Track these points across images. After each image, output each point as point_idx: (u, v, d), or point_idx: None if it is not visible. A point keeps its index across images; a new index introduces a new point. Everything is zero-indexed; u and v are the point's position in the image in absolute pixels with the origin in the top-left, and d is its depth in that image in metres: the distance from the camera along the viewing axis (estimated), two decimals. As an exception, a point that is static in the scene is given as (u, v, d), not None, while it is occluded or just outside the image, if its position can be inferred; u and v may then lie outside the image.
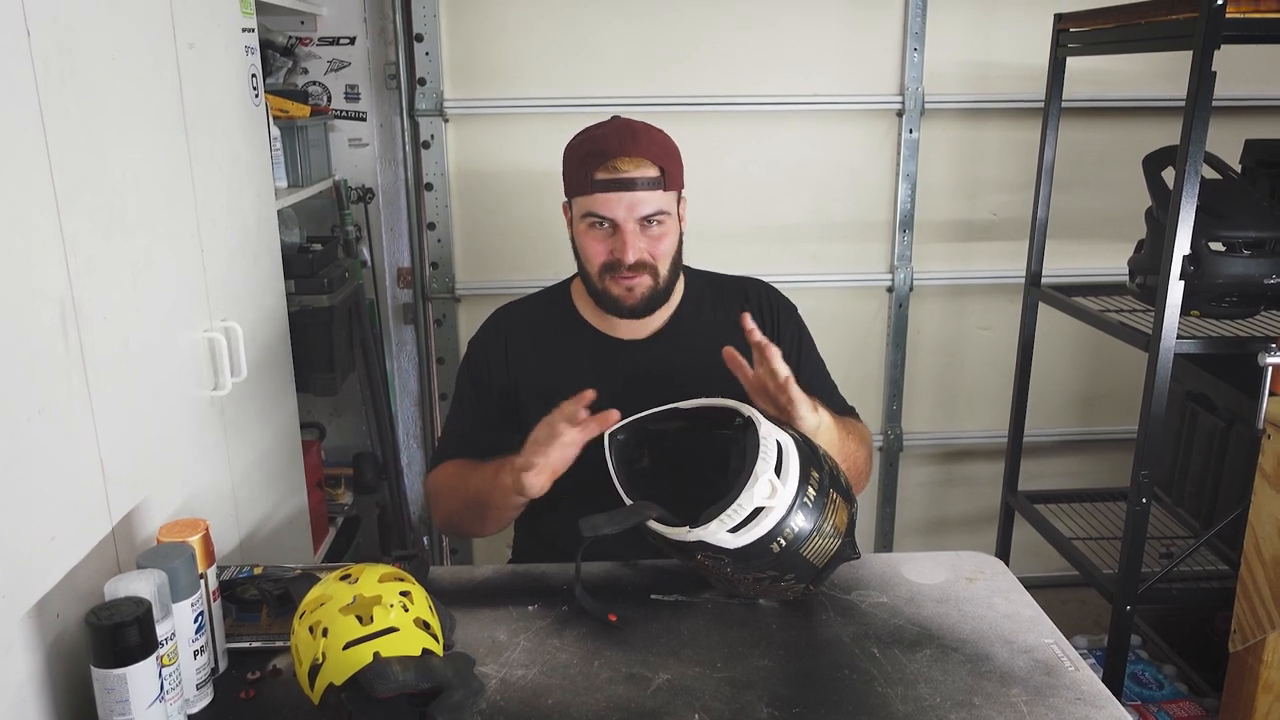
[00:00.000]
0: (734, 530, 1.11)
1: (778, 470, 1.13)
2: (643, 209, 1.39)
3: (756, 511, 1.11)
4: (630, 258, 1.39)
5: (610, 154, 1.38)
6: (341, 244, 2.42)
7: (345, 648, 0.96)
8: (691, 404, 1.27)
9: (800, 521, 1.13)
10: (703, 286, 1.57)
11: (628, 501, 1.20)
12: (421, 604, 1.04)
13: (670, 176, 1.41)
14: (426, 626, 1.02)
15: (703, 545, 1.13)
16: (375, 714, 0.96)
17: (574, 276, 1.56)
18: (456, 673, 0.99)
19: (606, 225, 1.40)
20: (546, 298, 1.59)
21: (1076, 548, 2.19)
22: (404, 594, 1.03)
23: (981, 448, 2.84)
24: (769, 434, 1.15)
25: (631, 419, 1.26)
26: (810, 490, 1.14)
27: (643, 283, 1.42)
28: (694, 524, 1.12)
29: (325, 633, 0.98)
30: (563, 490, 1.25)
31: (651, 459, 1.31)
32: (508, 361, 1.52)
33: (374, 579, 1.03)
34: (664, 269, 1.43)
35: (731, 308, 1.53)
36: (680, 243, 1.48)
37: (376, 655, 0.96)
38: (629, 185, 1.38)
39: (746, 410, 1.20)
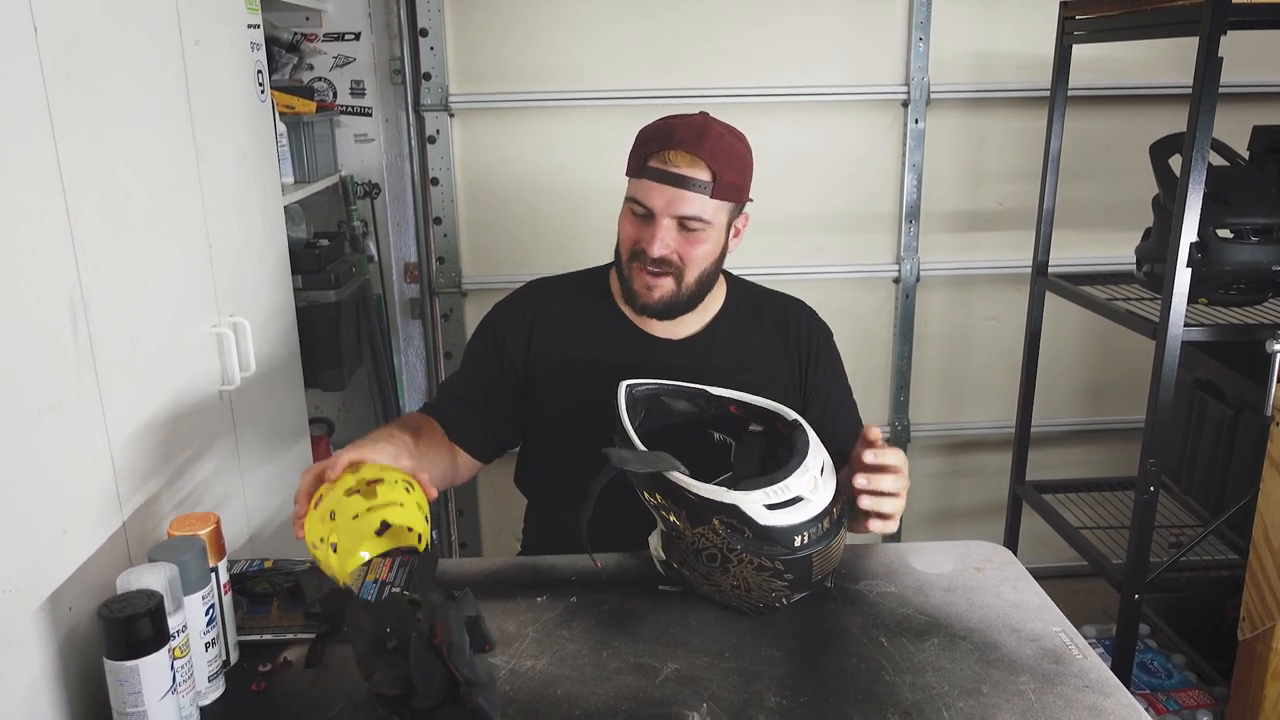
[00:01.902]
0: (770, 508, 1.12)
1: (821, 472, 1.16)
2: (681, 208, 1.35)
3: (796, 500, 1.13)
4: (655, 251, 1.36)
5: (670, 145, 1.35)
6: (348, 239, 2.43)
7: (354, 518, 1.03)
8: (721, 392, 1.28)
9: (824, 528, 1.15)
10: (743, 299, 1.54)
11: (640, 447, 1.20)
12: (422, 499, 1.10)
13: (723, 185, 1.36)
14: (428, 520, 1.08)
15: (733, 511, 1.12)
16: (415, 663, 0.97)
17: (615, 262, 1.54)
18: (490, 683, 1.01)
19: (644, 213, 1.38)
20: (584, 279, 1.56)
21: (1085, 537, 2.19)
22: (408, 483, 1.10)
23: (989, 438, 2.84)
24: (817, 442, 1.19)
25: (657, 382, 1.28)
26: (838, 506, 1.17)
27: (664, 285, 1.39)
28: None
29: (333, 516, 1.04)
30: (573, 485, 1.25)
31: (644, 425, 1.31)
32: (531, 336, 1.50)
33: (377, 469, 1.09)
34: (691, 275, 1.40)
35: (768, 328, 1.51)
36: (723, 255, 1.44)
37: (457, 615, 1.00)
38: (675, 181, 1.34)
39: (791, 415, 1.23)
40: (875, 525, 1.22)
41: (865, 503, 1.18)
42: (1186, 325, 1.79)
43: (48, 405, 1.00)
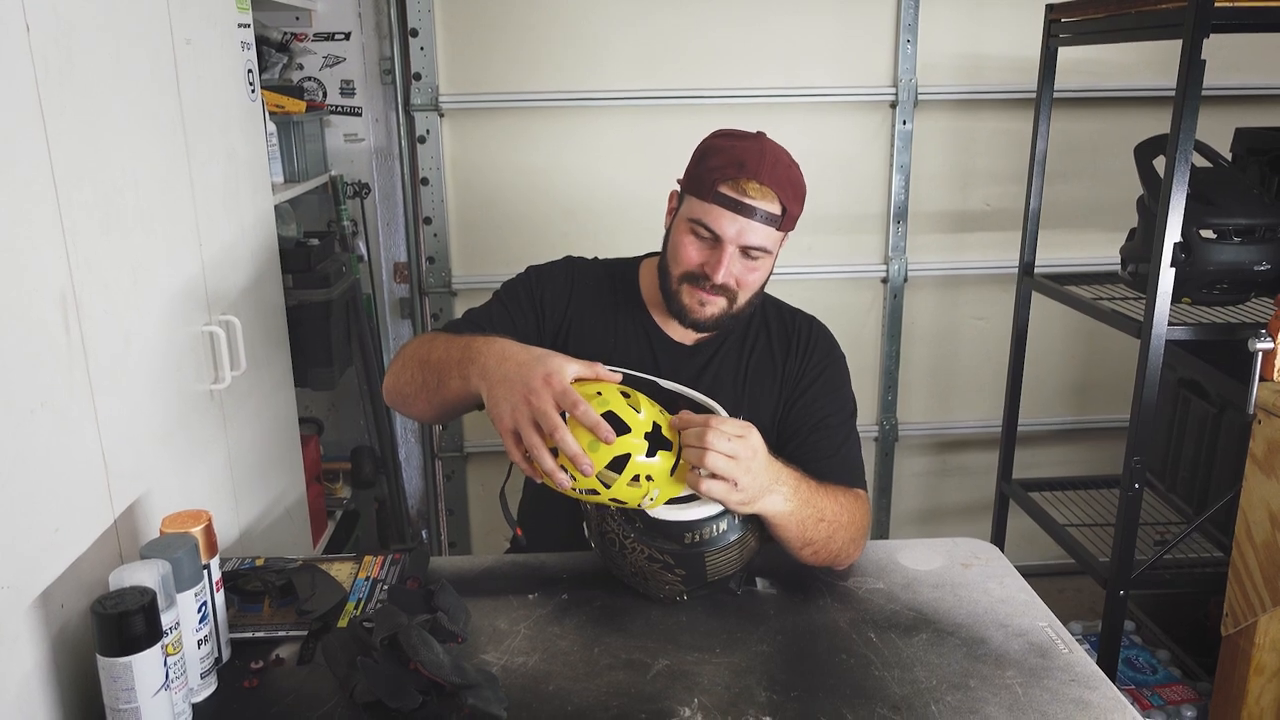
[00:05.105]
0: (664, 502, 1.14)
1: None
2: (750, 238, 1.34)
3: (692, 497, 1.15)
4: (719, 278, 1.35)
5: (744, 173, 1.33)
6: (338, 239, 2.42)
7: (672, 471, 1.12)
8: (671, 385, 1.29)
9: (720, 529, 1.16)
10: (763, 313, 1.52)
11: None
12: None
13: (789, 218, 1.37)
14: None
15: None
16: (379, 683, 1.00)
17: (644, 257, 1.54)
18: (486, 681, 1.03)
19: (709, 237, 1.36)
20: (614, 269, 1.55)
21: (1071, 535, 2.21)
22: (626, 395, 1.14)
23: (976, 437, 2.86)
24: None
25: (610, 368, 1.27)
26: (739, 514, 1.18)
27: (717, 303, 1.39)
28: None
29: (649, 477, 1.11)
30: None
31: None
32: (569, 306, 1.49)
33: (622, 404, 1.12)
34: (743, 298, 1.40)
35: (775, 343, 1.50)
36: (769, 276, 1.44)
37: (418, 631, 1.02)
38: (748, 211, 1.33)
39: (723, 416, 1.22)
40: (711, 486, 1.13)
41: (691, 455, 1.13)
42: (1170, 324, 1.81)
43: (39, 403, 1.00)
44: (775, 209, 1.34)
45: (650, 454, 1.11)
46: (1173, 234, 1.75)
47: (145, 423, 1.26)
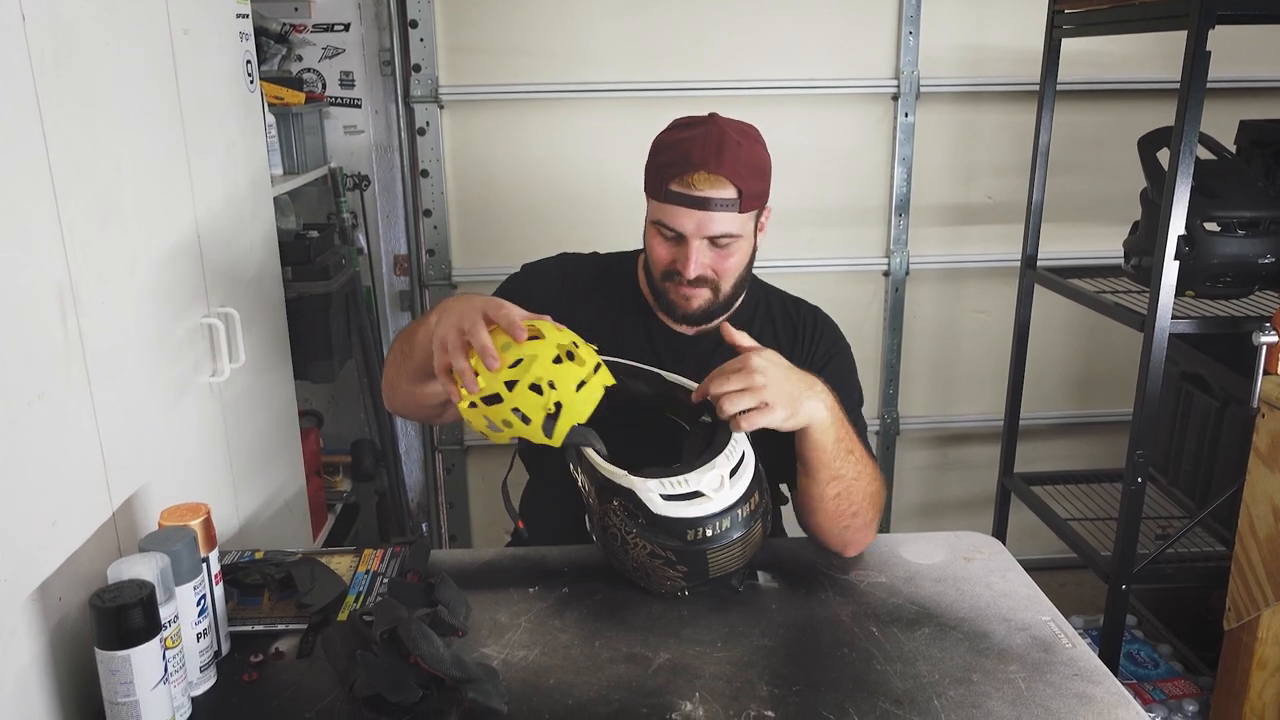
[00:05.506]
0: (666, 498, 1.13)
1: (732, 473, 1.15)
2: (712, 228, 1.34)
3: (695, 494, 1.13)
4: (691, 273, 1.35)
5: (691, 167, 1.31)
6: (338, 231, 2.42)
7: (578, 389, 1.13)
8: (674, 378, 1.28)
9: (724, 526, 1.14)
10: (763, 302, 1.53)
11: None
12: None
13: (749, 198, 1.34)
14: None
15: (628, 495, 1.14)
16: (379, 677, 0.99)
17: (642, 250, 1.53)
18: (487, 675, 1.02)
19: (673, 235, 1.37)
20: (611, 262, 1.56)
21: (1073, 529, 2.21)
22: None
23: (978, 431, 2.85)
24: (741, 439, 1.18)
25: (611, 358, 1.27)
26: (746, 508, 1.16)
27: (701, 295, 1.39)
28: (632, 473, 1.14)
29: (552, 385, 1.11)
30: (561, 480, 1.25)
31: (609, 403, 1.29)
32: (561, 299, 1.47)
33: (553, 330, 1.16)
34: (726, 285, 1.40)
35: (781, 331, 1.49)
36: (752, 257, 1.43)
37: (418, 625, 1.00)
38: (702, 204, 1.32)
39: None
40: (750, 419, 1.18)
41: (726, 406, 1.18)
42: (1174, 318, 1.80)
43: (37, 395, 0.99)
44: (730, 194, 1.32)
45: (557, 362, 1.14)
46: (1176, 227, 1.74)
47: (143, 415, 1.25)
